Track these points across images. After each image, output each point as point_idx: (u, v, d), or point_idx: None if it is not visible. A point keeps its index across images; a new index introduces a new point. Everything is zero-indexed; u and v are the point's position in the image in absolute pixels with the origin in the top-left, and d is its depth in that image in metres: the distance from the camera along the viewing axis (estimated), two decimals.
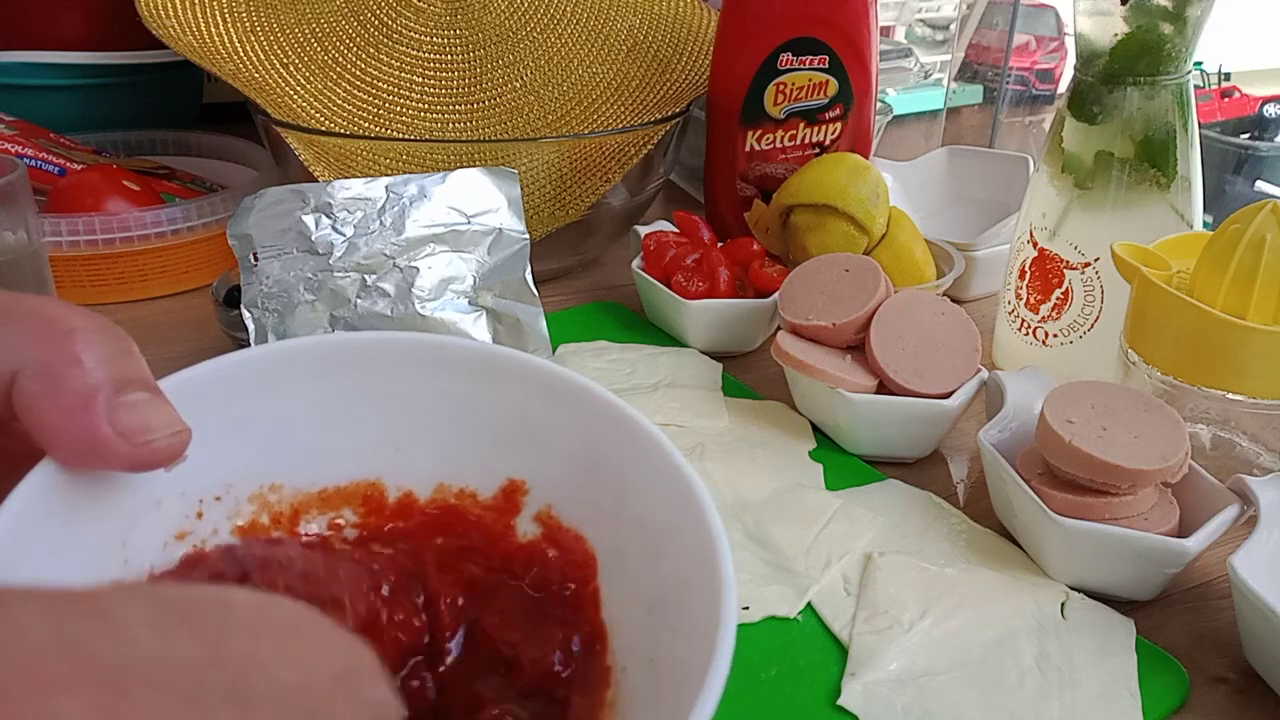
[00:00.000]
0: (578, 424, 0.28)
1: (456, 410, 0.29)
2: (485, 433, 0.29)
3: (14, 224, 0.54)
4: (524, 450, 0.29)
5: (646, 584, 0.26)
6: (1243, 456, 0.47)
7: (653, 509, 0.26)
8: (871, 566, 0.41)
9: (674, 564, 0.25)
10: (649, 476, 0.27)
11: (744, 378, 0.57)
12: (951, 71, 1.02)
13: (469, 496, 0.30)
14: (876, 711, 0.34)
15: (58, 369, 0.21)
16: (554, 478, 0.29)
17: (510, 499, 0.30)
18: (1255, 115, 1.48)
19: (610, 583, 0.27)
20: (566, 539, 0.29)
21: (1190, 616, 0.40)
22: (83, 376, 0.21)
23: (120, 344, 0.22)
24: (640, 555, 0.27)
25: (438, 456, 0.30)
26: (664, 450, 0.26)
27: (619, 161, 0.66)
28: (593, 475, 0.28)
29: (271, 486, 0.28)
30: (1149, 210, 0.51)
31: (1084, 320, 0.53)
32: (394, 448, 0.29)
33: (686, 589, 0.24)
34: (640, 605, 0.26)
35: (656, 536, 0.26)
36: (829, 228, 0.60)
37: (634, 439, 0.27)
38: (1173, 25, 0.48)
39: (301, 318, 0.48)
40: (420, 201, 0.51)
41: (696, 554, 0.24)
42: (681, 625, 0.24)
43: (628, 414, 0.28)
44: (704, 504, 0.25)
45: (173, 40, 0.63)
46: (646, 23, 0.76)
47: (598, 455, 0.28)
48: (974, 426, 0.47)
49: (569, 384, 0.28)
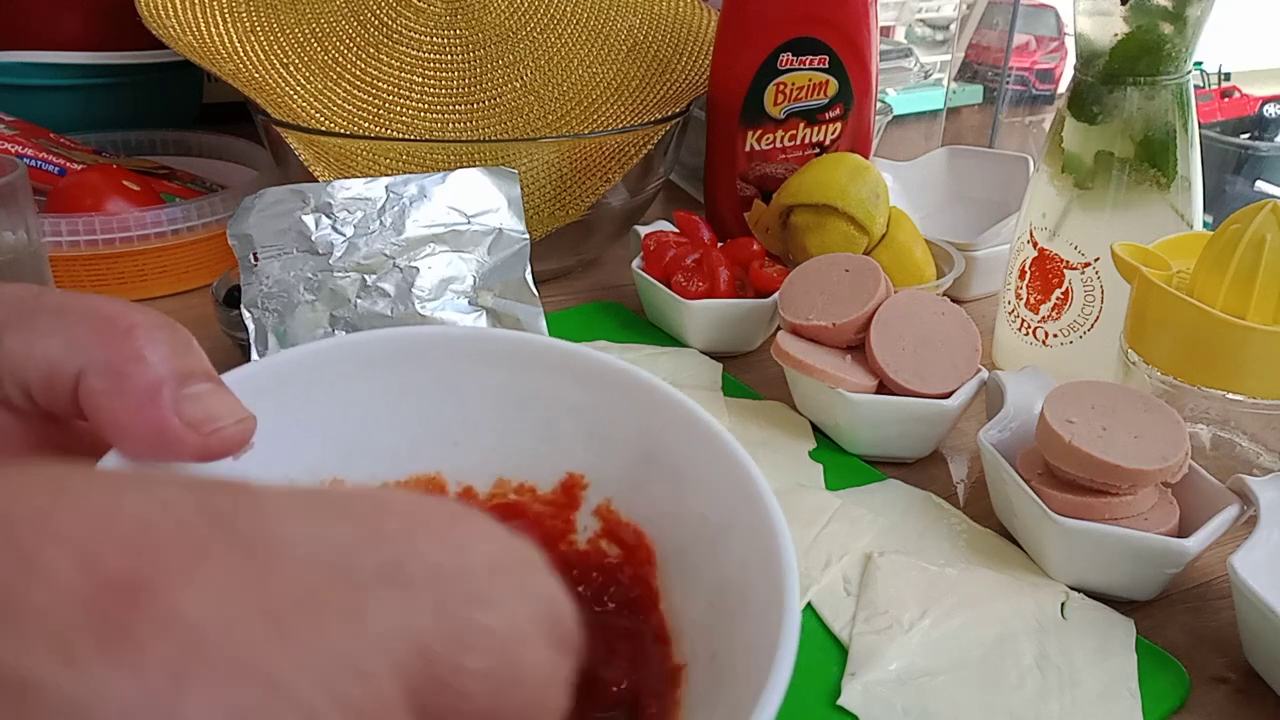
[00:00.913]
0: (636, 417, 0.28)
1: (515, 404, 0.29)
2: (544, 427, 0.29)
3: (14, 224, 0.54)
4: (583, 444, 0.29)
5: (708, 578, 0.26)
6: (1243, 456, 0.47)
7: (712, 501, 0.26)
8: (871, 566, 0.41)
9: (735, 557, 0.25)
10: (708, 469, 0.26)
11: (744, 378, 0.57)
12: (951, 71, 1.02)
13: (528, 491, 0.30)
14: (876, 711, 0.34)
15: (122, 366, 0.21)
16: (613, 472, 0.29)
17: (570, 493, 0.29)
18: (1255, 115, 1.48)
19: (671, 578, 0.27)
20: (626, 534, 0.28)
21: (1190, 616, 0.40)
22: (147, 372, 0.21)
23: (180, 337, 0.22)
24: (700, 549, 0.26)
25: (497, 451, 0.29)
26: (723, 442, 0.26)
27: (619, 161, 0.66)
28: (651, 469, 0.28)
29: (333, 480, 0.28)
30: (1149, 210, 0.51)
31: (1084, 320, 0.53)
32: (453, 442, 0.29)
33: (748, 582, 0.24)
34: (702, 600, 0.26)
35: (716, 529, 0.26)
36: (829, 228, 0.60)
37: (693, 431, 0.27)
38: (1173, 25, 0.48)
39: (301, 318, 0.48)
40: (420, 201, 0.51)
41: (757, 546, 0.24)
42: (744, 618, 0.23)
43: (686, 406, 0.27)
44: (764, 495, 0.24)
45: (173, 40, 0.63)
46: (646, 23, 0.76)
47: (656, 448, 0.28)
48: (974, 426, 0.47)
49: (627, 377, 0.28)
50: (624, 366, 0.28)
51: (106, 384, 0.21)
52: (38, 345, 0.21)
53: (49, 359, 0.21)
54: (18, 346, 0.21)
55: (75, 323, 0.21)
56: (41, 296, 0.22)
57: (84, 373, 0.21)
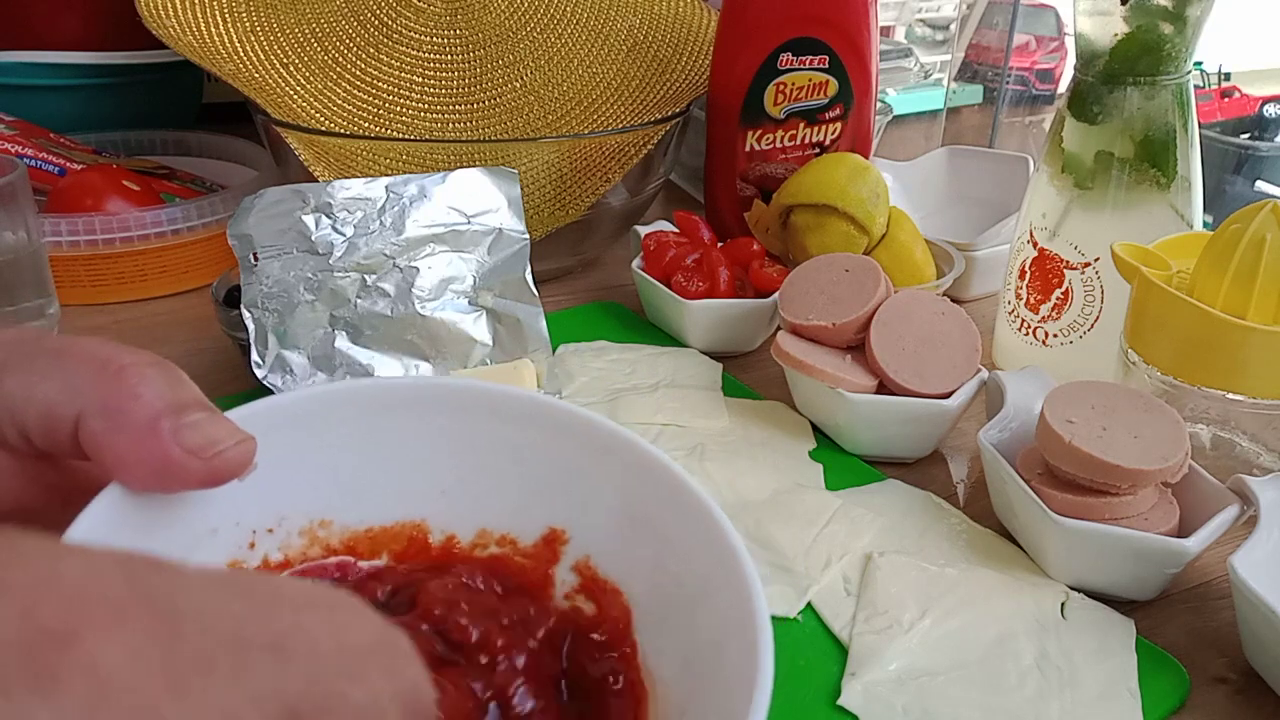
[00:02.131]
0: (619, 476, 0.29)
1: (501, 457, 0.30)
2: (528, 480, 0.30)
3: (14, 224, 0.54)
4: (566, 500, 0.30)
5: (683, 640, 0.26)
6: (1243, 456, 0.47)
7: (690, 564, 0.26)
8: (871, 566, 0.41)
9: (711, 621, 0.25)
10: (688, 532, 0.27)
11: (744, 378, 0.57)
12: (951, 71, 1.02)
13: (510, 543, 0.30)
14: (876, 711, 0.34)
15: (119, 405, 0.22)
16: (594, 528, 0.29)
17: (550, 547, 0.30)
18: (1255, 115, 1.48)
19: (647, 638, 0.28)
20: (604, 592, 0.29)
21: (1190, 616, 0.40)
22: (143, 407, 0.22)
23: (171, 373, 0.23)
24: (677, 610, 0.27)
25: (482, 502, 0.30)
26: (704, 506, 0.27)
27: (619, 161, 0.66)
28: (632, 527, 0.28)
29: (321, 522, 0.29)
30: (1149, 210, 0.51)
31: (1084, 320, 0.53)
32: (439, 491, 0.30)
33: (722, 646, 0.24)
34: (677, 661, 0.26)
35: (694, 592, 0.26)
36: (829, 228, 0.60)
37: (674, 494, 0.27)
38: (1173, 25, 0.48)
39: (301, 318, 0.48)
40: (420, 201, 0.51)
41: (734, 611, 0.24)
42: (717, 683, 0.24)
43: (669, 468, 0.28)
44: (742, 561, 0.25)
45: (173, 40, 0.63)
46: (646, 23, 0.76)
47: (638, 509, 0.28)
48: (974, 426, 0.47)
49: (612, 436, 0.29)
50: (610, 426, 0.29)
51: (106, 423, 0.22)
52: (36, 388, 0.22)
53: (47, 401, 0.22)
54: (17, 389, 0.22)
55: (72, 366, 0.22)
56: (40, 340, 0.23)
57: (83, 415, 0.22)
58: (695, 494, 0.27)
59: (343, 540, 0.29)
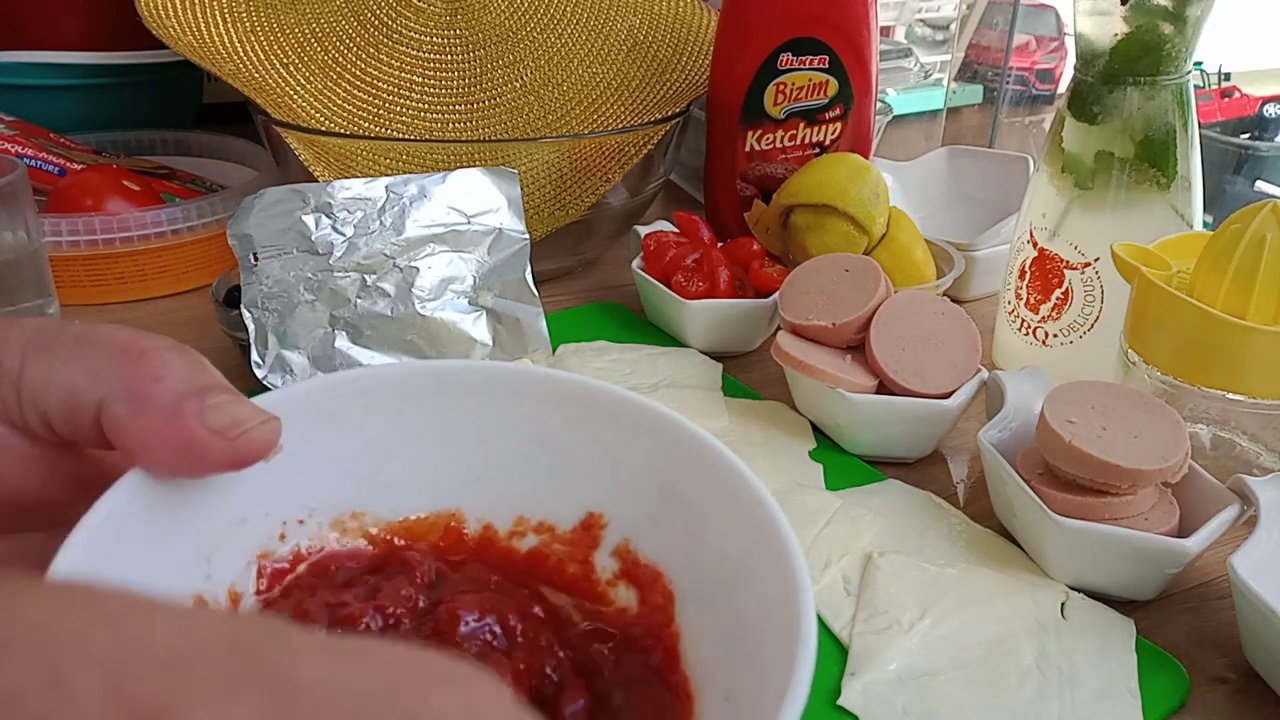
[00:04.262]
0: (655, 455, 0.28)
1: (536, 441, 0.29)
2: (564, 464, 0.29)
3: (14, 224, 0.54)
4: (602, 482, 0.29)
5: (724, 617, 0.25)
6: (1243, 456, 0.47)
7: (730, 539, 0.26)
8: (871, 566, 0.41)
9: (752, 596, 0.24)
10: (727, 505, 0.26)
11: (744, 378, 0.57)
12: (951, 71, 1.02)
13: (548, 529, 0.30)
14: (876, 711, 0.34)
15: (142, 389, 0.22)
16: (631, 509, 0.29)
17: (589, 532, 0.29)
18: (1255, 115, 1.48)
19: (688, 619, 0.27)
20: (645, 575, 0.28)
21: (1190, 616, 0.40)
22: (167, 390, 0.22)
23: (192, 358, 0.23)
24: (718, 588, 0.26)
25: (517, 487, 0.29)
26: (741, 476, 0.26)
27: (619, 161, 0.66)
28: (670, 506, 0.28)
29: (353, 514, 0.28)
30: (1149, 210, 0.51)
31: (1084, 320, 0.53)
32: (474, 478, 0.29)
33: (764, 621, 0.23)
34: (718, 639, 0.25)
35: (734, 568, 0.25)
36: (829, 228, 0.60)
37: (712, 468, 0.27)
38: (1173, 25, 0.48)
39: (301, 318, 0.48)
40: (420, 201, 0.51)
41: (775, 585, 0.23)
42: (758, 659, 0.23)
43: (704, 440, 0.27)
44: (783, 532, 0.24)
45: (173, 40, 0.63)
46: (646, 23, 0.76)
47: (675, 485, 0.28)
48: (974, 426, 0.47)
49: (646, 414, 0.28)
50: (644, 403, 0.28)
51: (129, 408, 0.22)
52: (58, 375, 0.22)
53: (69, 388, 0.22)
54: (39, 376, 0.22)
55: (94, 353, 0.22)
56: (61, 328, 0.23)
57: (105, 401, 0.22)
58: (732, 464, 0.26)
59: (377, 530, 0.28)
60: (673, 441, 0.28)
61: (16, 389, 0.22)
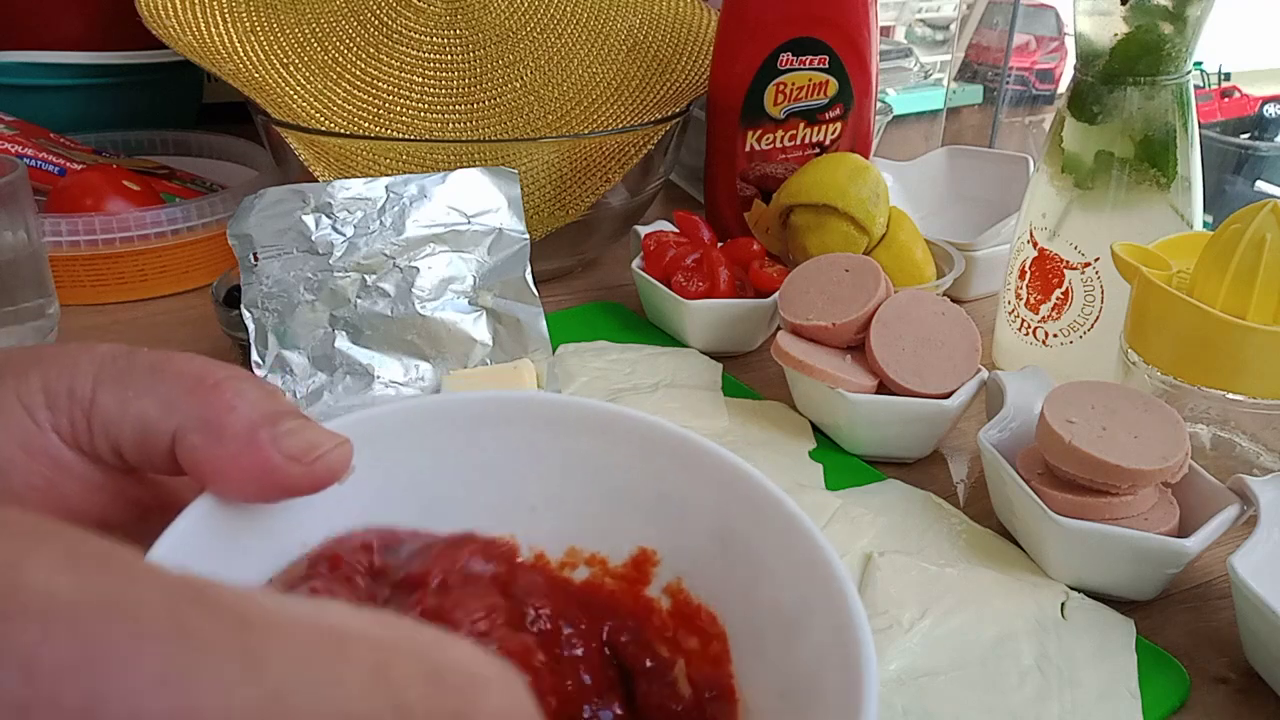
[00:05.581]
0: (714, 497, 0.28)
1: (593, 474, 0.29)
2: (619, 499, 0.29)
3: (14, 224, 0.54)
4: (657, 520, 0.29)
5: (780, 668, 0.25)
6: (1243, 456, 0.47)
7: (788, 589, 0.25)
8: (871, 566, 0.41)
9: (809, 649, 0.24)
10: (785, 555, 0.26)
11: (744, 378, 0.57)
12: (951, 71, 1.02)
13: (599, 562, 0.30)
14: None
15: (217, 419, 0.22)
16: (687, 550, 0.29)
17: (640, 569, 0.29)
18: (1255, 115, 1.48)
19: (742, 665, 0.27)
20: (698, 617, 0.28)
21: (1190, 616, 0.40)
22: (240, 419, 0.22)
23: (263, 386, 0.24)
24: (775, 637, 0.26)
25: (571, 519, 0.29)
26: (803, 528, 0.26)
27: (619, 161, 0.66)
28: (726, 550, 0.28)
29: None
30: (1149, 210, 0.51)
31: (1084, 320, 0.53)
32: (529, 507, 0.29)
33: (822, 676, 0.23)
34: (772, 691, 0.25)
35: (791, 619, 0.25)
36: (829, 228, 0.60)
37: (771, 516, 0.26)
38: (1173, 25, 0.48)
39: (301, 318, 0.48)
40: (420, 201, 0.51)
41: (835, 638, 0.23)
42: (816, 715, 0.23)
43: (763, 486, 0.27)
44: (843, 585, 0.24)
45: (173, 40, 0.63)
46: (646, 23, 0.76)
47: (732, 530, 0.27)
48: (974, 426, 0.47)
49: (707, 455, 0.28)
50: (706, 445, 0.28)
51: (205, 437, 0.22)
52: (132, 405, 0.22)
53: (144, 419, 0.22)
54: (112, 406, 0.22)
55: (167, 383, 0.23)
56: (133, 356, 0.23)
57: (180, 431, 0.22)
58: (792, 513, 0.26)
59: None
60: (731, 483, 0.28)
61: (87, 417, 0.22)
